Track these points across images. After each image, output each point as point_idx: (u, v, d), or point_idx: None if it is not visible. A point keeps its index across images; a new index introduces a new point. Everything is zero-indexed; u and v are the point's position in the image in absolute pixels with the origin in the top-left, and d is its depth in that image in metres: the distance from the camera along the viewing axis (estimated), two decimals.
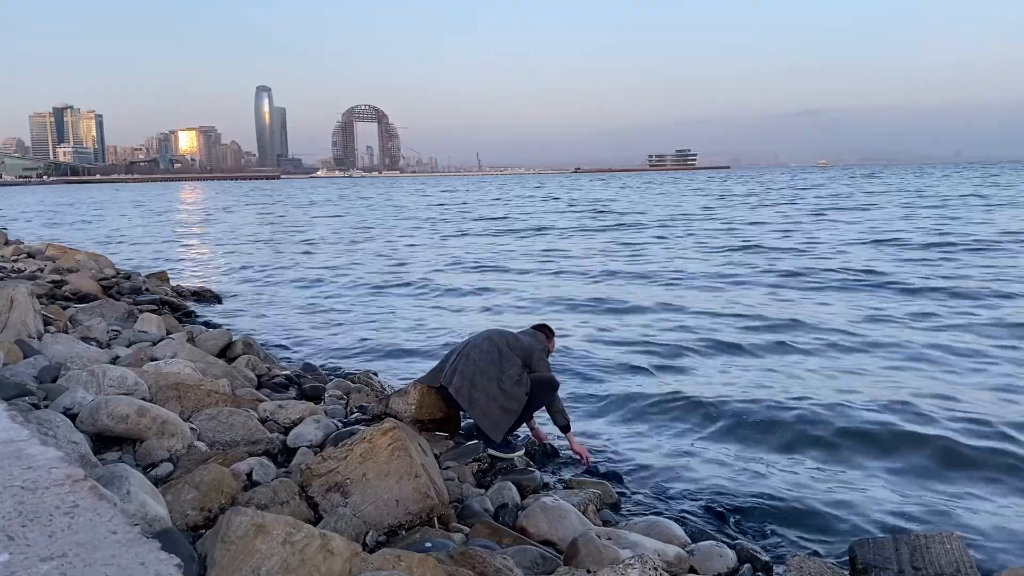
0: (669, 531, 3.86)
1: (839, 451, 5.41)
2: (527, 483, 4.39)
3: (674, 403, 6.50)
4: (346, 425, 4.89)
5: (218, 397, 4.81)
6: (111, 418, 3.72)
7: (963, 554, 3.26)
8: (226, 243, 24.20)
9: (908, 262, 15.04)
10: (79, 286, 10.34)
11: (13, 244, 17.35)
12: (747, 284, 12.98)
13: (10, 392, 4.02)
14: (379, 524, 3.27)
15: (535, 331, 5.38)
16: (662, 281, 13.64)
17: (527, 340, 5.12)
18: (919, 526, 4.19)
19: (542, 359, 5.10)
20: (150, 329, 7.68)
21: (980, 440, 5.49)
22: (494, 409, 4.80)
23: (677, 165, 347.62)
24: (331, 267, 17.19)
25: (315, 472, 3.44)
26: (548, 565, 3.21)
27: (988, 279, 12.45)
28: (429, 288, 13.65)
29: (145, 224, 34.53)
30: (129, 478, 2.69)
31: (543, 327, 5.52)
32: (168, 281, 12.94)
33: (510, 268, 16.19)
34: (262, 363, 6.81)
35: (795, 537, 4.18)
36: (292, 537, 2.44)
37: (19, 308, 5.85)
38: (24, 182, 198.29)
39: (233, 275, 16.13)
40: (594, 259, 17.38)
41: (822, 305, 10.87)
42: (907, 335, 8.71)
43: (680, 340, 8.79)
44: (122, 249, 22.17)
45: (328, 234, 26.83)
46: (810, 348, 8.25)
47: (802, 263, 15.22)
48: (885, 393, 6.56)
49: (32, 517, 2.00)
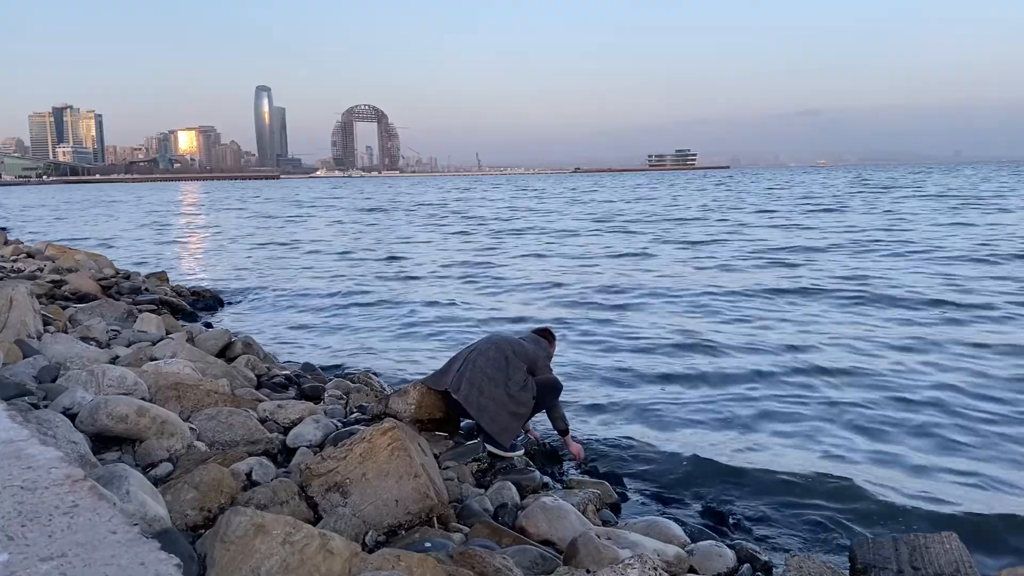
0: (668, 531, 3.86)
1: (839, 451, 5.41)
2: (527, 483, 4.39)
3: (674, 403, 6.51)
4: (346, 425, 4.89)
5: (218, 397, 4.80)
6: (111, 418, 3.72)
7: (962, 554, 3.27)
8: (226, 243, 24.20)
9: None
10: (78, 286, 10.33)
11: (13, 244, 17.35)
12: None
13: (10, 392, 4.02)
14: (379, 524, 3.27)
15: (537, 337, 5.40)
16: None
17: (531, 347, 5.16)
18: (919, 526, 4.19)
19: (546, 365, 5.16)
20: (150, 329, 7.67)
21: (981, 439, 5.50)
22: (504, 415, 4.82)
23: (677, 165, 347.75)
24: (331, 267, 17.20)
25: (315, 472, 3.44)
26: (548, 565, 3.21)
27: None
28: (429, 288, 13.66)
29: (145, 224, 34.53)
30: (129, 478, 2.69)
31: (545, 331, 5.54)
32: (168, 281, 12.93)
33: (511, 268, 16.20)
34: (262, 363, 6.81)
35: (795, 537, 4.18)
36: (291, 537, 2.44)
37: (18, 308, 5.84)
38: (23, 182, 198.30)
39: (233, 275, 16.12)
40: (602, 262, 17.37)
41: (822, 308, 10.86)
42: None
43: (680, 339, 8.80)
44: (122, 249, 22.17)
45: (329, 234, 26.83)
46: (812, 349, 8.25)
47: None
48: (884, 393, 6.57)
49: (31, 517, 2.00)
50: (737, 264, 15.58)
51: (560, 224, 28.38)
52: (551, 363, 5.29)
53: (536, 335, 5.43)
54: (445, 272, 15.83)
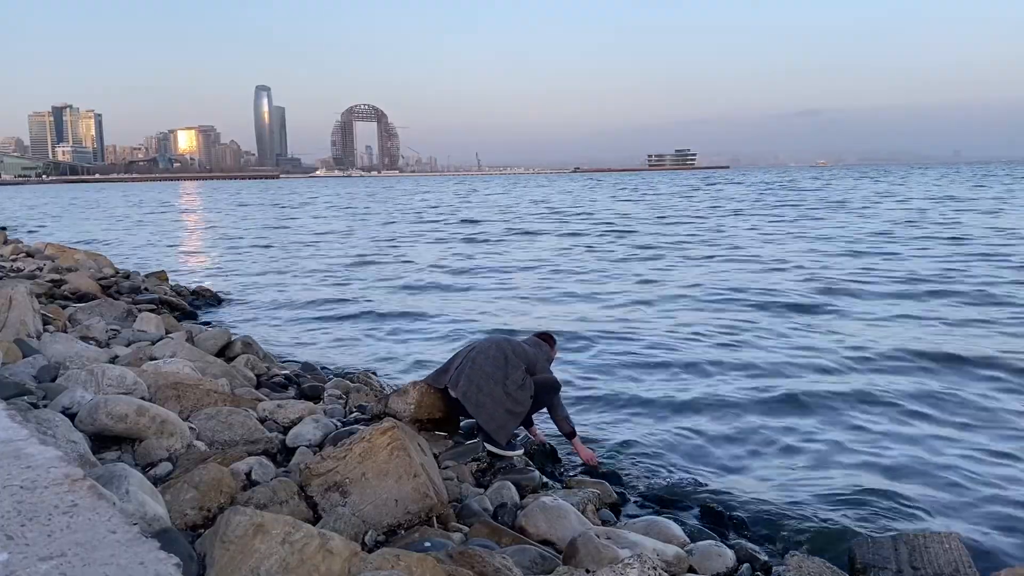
0: (668, 530, 3.86)
1: (839, 452, 5.41)
2: (526, 483, 4.39)
3: (674, 403, 6.51)
4: (345, 425, 4.89)
5: (217, 396, 4.80)
6: (110, 417, 3.72)
7: (962, 554, 3.27)
8: (226, 243, 24.19)
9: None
10: (78, 285, 10.33)
11: (12, 243, 17.34)
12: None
13: (9, 391, 4.02)
14: (378, 524, 3.27)
15: (538, 340, 5.42)
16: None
17: (531, 350, 5.17)
18: (918, 526, 4.19)
19: (545, 368, 5.17)
20: (149, 328, 7.67)
21: (981, 439, 5.50)
22: (500, 413, 4.83)
23: (676, 165, 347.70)
24: (331, 266, 17.19)
25: (314, 472, 3.43)
26: (547, 565, 3.21)
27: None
28: (430, 287, 13.65)
29: (145, 224, 34.50)
30: (128, 477, 2.69)
31: (546, 336, 5.55)
32: (167, 280, 12.93)
33: (513, 268, 16.20)
34: (261, 363, 6.81)
35: (794, 536, 4.18)
36: (291, 537, 2.44)
37: (18, 307, 5.84)
38: (23, 181, 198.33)
39: (233, 274, 16.12)
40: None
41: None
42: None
43: (682, 339, 8.80)
44: (121, 248, 22.16)
45: (329, 233, 26.82)
46: (815, 350, 8.25)
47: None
48: (883, 394, 6.57)
49: (31, 516, 1.99)
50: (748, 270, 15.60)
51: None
52: (551, 367, 5.30)
53: (537, 339, 5.45)
54: (449, 271, 15.83)
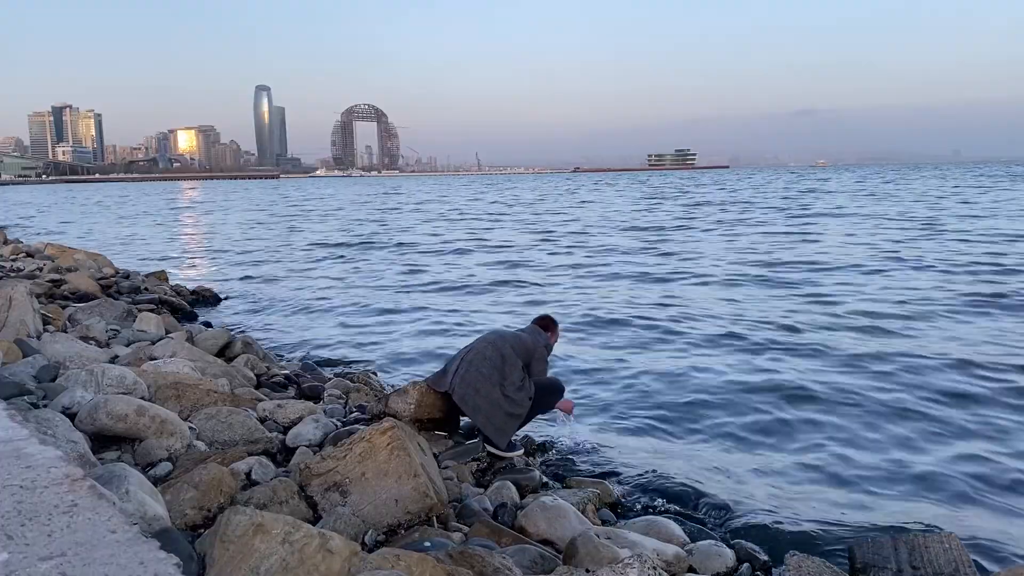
0: (668, 530, 3.86)
1: (839, 452, 5.41)
2: (526, 483, 4.39)
3: (675, 403, 6.51)
4: (345, 424, 4.89)
5: (217, 396, 4.80)
6: (110, 417, 3.72)
7: (962, 554, 3.27)
8: (226, 242, 24.19)
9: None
10: (78, 285, 10.33)
11: (12, 243, 17.34)
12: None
13: (9, 391, 4.02)
14: (378, 523, 3.27)
15: (537, 328, 5.28)
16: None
17: (529, 339, 5.08)
18: (918, 526, 4.19)
19: (542, 358, 5.09)
20: (149, 328, 7.67)
21: (980, 439, 5.50)
22: (499, 415, 4.80)
23: (676, 165, 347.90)
24: (331, 266, 17.19)
25: (314, 471, 3.43)
26: (547, 564, 3.21)
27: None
28: (429, 287, 13.65)
29: (144, 224, 34.49)
30: (128, 477, 2.69)
31: (546, 320, 5.39)
32: (167, 280, 12.93)
33: (517, 267, 16.20)
34: (261, 362, 6.81)
35: (794, 536, 4.17)
36: (291, 536, 2.44)
37: (18, 307, 5.84)
38: (23, 181, 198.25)
39: (233, 274, 16.11)
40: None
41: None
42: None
43: (679, 339, 8.80)
44: (121, 248, 22.15)
45: (328, 233, 26.81)
46: (817, 350, 8.25)
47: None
48: (883, 394, 6.57)
49: (31, 516, 1.99)
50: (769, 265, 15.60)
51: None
52: (552, 353, 5.20)
53: (536, 325, 5.31)
54: (450, 271, 15.83)
